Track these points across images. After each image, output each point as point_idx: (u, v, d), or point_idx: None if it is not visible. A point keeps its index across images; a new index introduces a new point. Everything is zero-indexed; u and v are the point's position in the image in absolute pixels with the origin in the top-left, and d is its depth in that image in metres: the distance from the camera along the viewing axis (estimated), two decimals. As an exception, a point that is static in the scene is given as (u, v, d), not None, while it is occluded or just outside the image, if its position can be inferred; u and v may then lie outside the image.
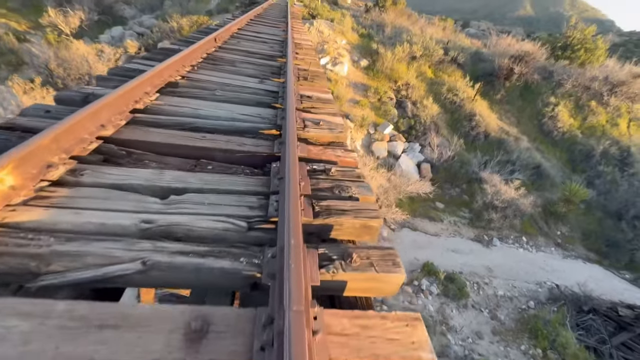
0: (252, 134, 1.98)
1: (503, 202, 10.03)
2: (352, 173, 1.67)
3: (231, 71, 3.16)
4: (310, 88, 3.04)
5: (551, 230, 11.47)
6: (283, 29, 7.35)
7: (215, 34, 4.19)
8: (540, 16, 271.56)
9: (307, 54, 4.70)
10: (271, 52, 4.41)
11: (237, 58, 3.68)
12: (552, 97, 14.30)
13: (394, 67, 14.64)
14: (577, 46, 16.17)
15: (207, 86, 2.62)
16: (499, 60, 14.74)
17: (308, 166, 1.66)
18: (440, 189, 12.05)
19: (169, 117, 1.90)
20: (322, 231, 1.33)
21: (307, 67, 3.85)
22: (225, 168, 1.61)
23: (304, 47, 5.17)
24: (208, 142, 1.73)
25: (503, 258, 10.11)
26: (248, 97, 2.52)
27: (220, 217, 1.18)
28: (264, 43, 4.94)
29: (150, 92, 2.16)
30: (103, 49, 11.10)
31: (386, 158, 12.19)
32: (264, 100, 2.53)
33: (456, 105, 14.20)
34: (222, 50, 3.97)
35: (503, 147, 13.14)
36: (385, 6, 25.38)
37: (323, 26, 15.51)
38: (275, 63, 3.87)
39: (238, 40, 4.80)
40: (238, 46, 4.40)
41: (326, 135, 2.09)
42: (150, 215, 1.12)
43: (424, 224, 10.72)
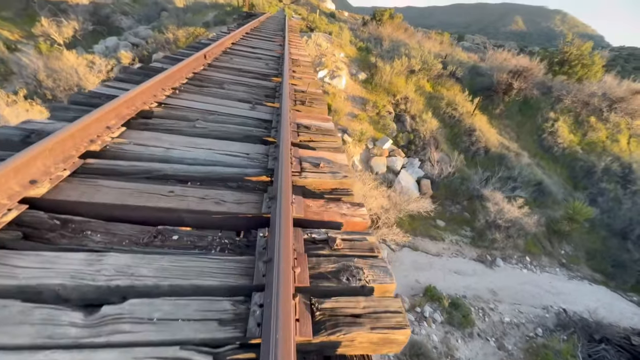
0: (236, 183, 1.59)
1: (506, 221, 9.69)
2: (363, 243, 1.28)
3: (219, 95, 2.80)
4: (308, 115, 2.67)
5: (555, 250, 11.12)
6: (280, 43, 7.07)
7: (205, 50, 3.85)
8: (532, 31, 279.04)
9: (304, 72, 4.37)
10: (266, 70, 4.07)
11: (227, 78, 3.32)
12: (552, 112, 14.18)
13: (392, 81, 14.48)
14: (574, 62, 16.20)
15: (188, 115, 2.24)
16: (498, 75, 14.66)
17: (305, 234, 1.27)
18: (440, 206, 11.70)
19: (131, 163, 1.51)
20: (325, 348, 0.94)
21: (304, 87, 3.50)
22: (196, 238, 1.21)
23: (302, 64, 4.85)
24: (176, 200, 1.34)
25: (507, 280, 9.71)
26: (235, 130, 2.14)
27: (172, 347, 0.78)
28: (258, 59, 4.61)
29: (115, 126, 1.78)
30: (94, 60, 10.76)
31: (385, 174, 11.86)
32: (254, 133, 2.15)
33: (455, 119, 14.01)
34: (212, 69, 3.62)
35: (504, 163, 12.90)
36: (382, 20, 25.64)
37: (321, 39, 15.39)
38: (269, 83, 3.52)
39: (230, 56, 4.46)
40: (230, 63, 4.05)
41: (328, 181, 1.71)
42: (57, 355, 0.71)
43: (425, 243, 10.32)
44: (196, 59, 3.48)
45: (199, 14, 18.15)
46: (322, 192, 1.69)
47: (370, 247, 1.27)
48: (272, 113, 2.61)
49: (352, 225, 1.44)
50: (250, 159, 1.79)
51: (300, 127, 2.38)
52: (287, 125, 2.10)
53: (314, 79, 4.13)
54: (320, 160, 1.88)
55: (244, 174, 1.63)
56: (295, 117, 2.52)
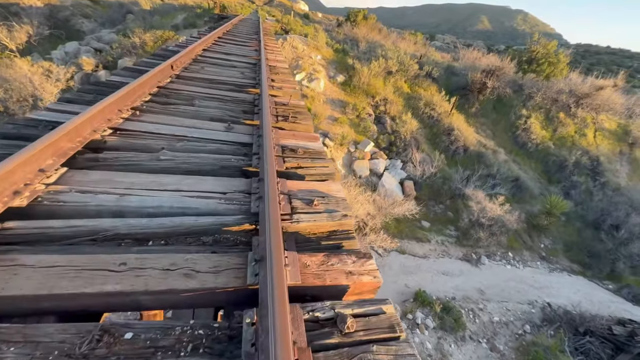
0: (212, 237, 1.26)
1: (489, 219, 9.82)
2: (380, 319, 1.01)
3: (188, 113, 2.44)
4: (293, 133, 2.37)
5: (535, 244, 11.43)
6: (255, 47, 6.70)
7: (172, 60, 3.45)
8: (497, 30, 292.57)
9: (284, 80, 4.06)
10: (242, 81, 3.72)
11: (198, 92, 2.95)
12: (524, 109, 14.65)
13: (370, 83, 14.42)
14: (541, 60, 16.88)
15: (150, 143, 1.87)
16: (472, 75, 14.97)
17: (306, 312, 0.98)
18: (424, 206, 11.72)
19: (68, 223, 1.14)
20: None
21: (286, 99, 3.20)
22: (158, 334, 0.89)
23: (280, 71, 4.53)
24: (130, 276, 1.00)
25: (493, 277, 9.83)
26: (209, 160, 1.80)
27: None
28: (233, 68, 4.25)
29: (51, 168, 1.40)
30: (51, 67, 9.85)
31: (369, 177, 11.73)
32: (232, 162, 1.83)
33: (434, 119, 14.15)
34: (180, 81, 3.23)
35: (482, 160, 13.15)
36: (357, 21, 25.72)
37: (297, 41, 15.08)
38: (247, 96, 3.19)
39: (202, 65, 4.07)
40: (201, 73, 3.67)
41: (324, 223, 1.42)
42: None
43: (412, 245, 10.27)
44: (162, 70, 3.08)
45: (167, 16, 17.30)
46: (319, 237, 1.40)
47: (390, 325, 1.00)
48: (251, 134, 2.28)
49: (360, 287, 1.16)
50: (229, 200, 1.47)
51: (285, 151, 2.07)
52: (270, 151, 1.79)
53: (295, 87, 3.83)
54: (312, 195, 1.59)
55: (221, 224, 1.31)
56: (279, 138, 2.21)
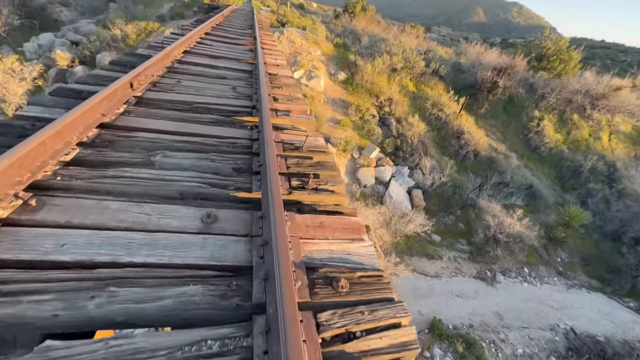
0: None
1: (508, 235, 8.98)
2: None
3: (138, 187, 1.41)
4: (320, 224, 1.37)
5: (551, 258, 10.69)
6: (250, 46, 5.61)
7: (133, 74, 2.39)
8: (492, 22, 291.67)
9: (291, 97, 3.03)
10: (233, 103, 2.68)
11: (162, 135, 1.91)
12: (536, 110, 13.79)
13: (374, 81, 13.36)
14: (552, 57, 15.98)
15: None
16: (482, 72, 14.00)
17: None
18: (433, 217, 10.86)
19: None
20: None
21: (299, 135, 2.19)
22: None
23: (284, 83, 3.50)
24: None
25: (510, 298, 9.07)
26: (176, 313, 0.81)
27: None
28: (220, 80, 3.19)
29: None
30: (13, 65, 8.52)
31: (374, 185, 10.79)
32: (221, 316, 0.83)
33: (442, 121, 13.20)
34: (140, 109, 2.18)
35: (494, 166, 12.30)
36: (355, 12, 24.47)
37: (294, 35, 13.88)
38: (240, 134, 2.15)
39: (178, 77, 3.01)
40: (175, 92, 2.62)
41: None
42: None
43: (423, 263, 9.43)
44: (113, 93, 2.03)
45: (152, 5, 15.86)
46: None
47: None
48: (248, 236, 1.27)
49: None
50: None
51: (315, 274, 1.07)
52: (290, 302, 0.79)
53: (306, 111, 2.81)
54: None
55: None
56: (300, 244, 1.21)
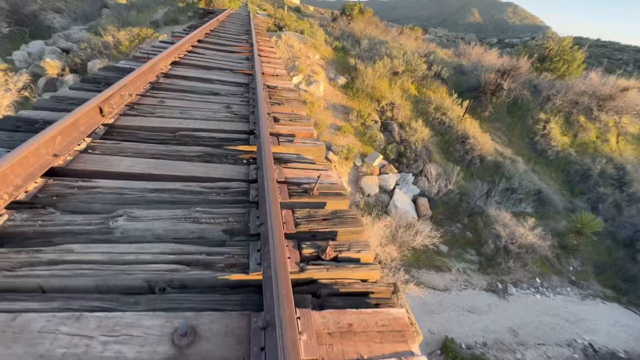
0: None
1: (520, 246, 8.57)
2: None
3: (85, 272, 0.98)
4: (354, 337, 0.94)
5: (563, 267, 10.28)
6: (246, 54, 5.20)
7: (104, 95, 1.96)
8: (487, 23, 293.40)
9: (294, 116, 2.62)
10: (225, 125, 2.25)
11: (133, 171, 1.49)
12: (542, 113, 13.43)
13: (375, 85, 12.98)
14: (555, 58, 15.66)
15: None
16: (485, 75, 13.65)
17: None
18: (440, 225, 10.46)
19: None
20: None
21: (309, 169, 1.77)
22: None
23: (285, 97, 3.08)
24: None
25: (524, 312, 8.65)
26: None
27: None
28: (213, 97, 2.77)
29: None
30: (-5, 76, 8.08)
31: (378, 194, 10.38)
32: None
33: (446, 126, 12.82)
34: (110, 143, 1.76)
35: (500, 171, 11.92)
36: (352, 15, 24.23)
37: (292, 39, 13.50)
38: (230, 171, 1.72)
39: (163, 95, 2.58)
40: (156, 114, 2.20)
41: None
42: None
43: (431, 276, 9.00)
44: (69, 127, 1.60)
45: (145, 11, 15.47)
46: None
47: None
48: (244, 340, 0.84)
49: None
50: None
51: None
52: None
53: (312, 131, 2.40)
54: None
55: None
56: None
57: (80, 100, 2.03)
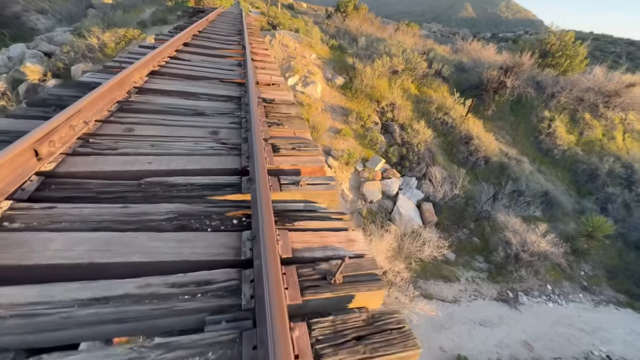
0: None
1: (532, 254, 8.16)
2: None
3: None
4: None
5: (574, 272, 9.90)
6: (238, 58, 4.66)
7: (45, 129, 1.43)
8: (481, 17, 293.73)
9: (298, 142, 2.11)
10: (209, 162, 1.74)
11: (65, 262, 0.98)
12: (546, 110, 13.03)
13: (375, 85, 12.48)
14: (557, 53, 15.26)
15: None
16: (488, 72, 13.20)
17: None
18: (446, 231, 10.04)
19: None
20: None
21: (325, 231, 1.26)
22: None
23: (286, 115, 2.57)
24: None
25: (537, 323, 8.26)
26: None
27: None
28: (195, 119, 2.25)
29: None
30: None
31: (381, 201, 9.91)
32: None
33: (448, 126, 12.37)
34: (38, 209, 1.23)
35: (506, 172, 11.50)
36: (347, 11, 23.67)
37: (287, 38, 12.93)
38: (214, 247, 1.21)
39: (132, 119, 2.05)
40: (118, 151, 1.68)
41: None
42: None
43: (439, 287, 8.58)
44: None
45: (132, 10, 14.77)
46: None
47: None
48: None
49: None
50: None
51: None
52: None
53: (321, 165, 1.89)
54: None
55: None
56: None
57: (14, 135, 1.50)
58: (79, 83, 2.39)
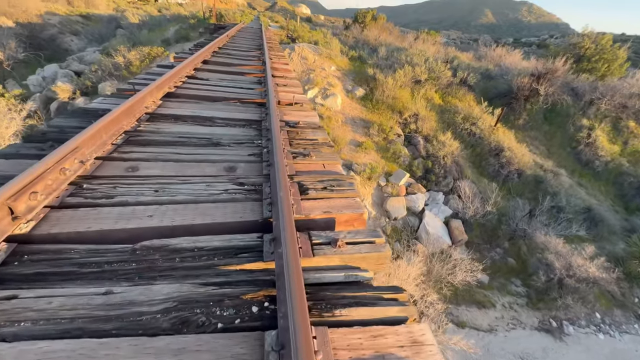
0: None
1: (579, 280, 7.31)
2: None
3: None
4: None
5: (627, 299, 8.83)
6: (257, 74, 4.43)
7: (27, 177, 1.13)
8: (501, 23, 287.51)
9: (330, 180, 1.75)
10: (224, 215, 1.41)
11: None
12: (584, 119, 12.07)
13: (396, 96, 12.06)
14: (594, 57, 14.28)
15: None
16: (518, 79, 12.46)
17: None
18: (477, 251, 9.30)
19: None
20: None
21: (373, 311, 0.89)
22: None
23: (313, 142, 2.23)
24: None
25: (587, 357, 7.34)
26: None
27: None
28: (210, 151, 1.95)
29: None
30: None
31: (405, 217, 9.35)
32: None
33: (476, 137, 11.68)
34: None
35: (542, 187, 10.63)
36: (365, 22, 23.58)
37: (306, 51, 12.83)
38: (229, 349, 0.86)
39: (137, 154, 1.77)
40: (112, 202, 1.36)
41: None
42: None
43: (472, 314, 7.85)
44: None
45: (157, 30, 15.26)
46: None
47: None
48: None
49: None
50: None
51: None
52: None
53: (360, 212, 1.52)
54: None
55: None
56: None
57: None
58: (86, 111, 2.17)
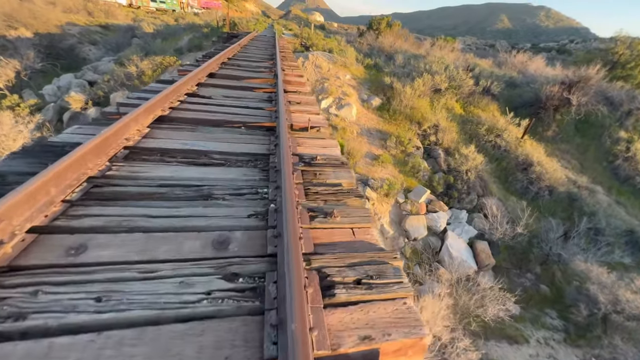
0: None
1: (629, 317, 6.43)
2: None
3: None
4: None
5: (681, 335, 7.81)
6: (268, 89, 3.94)
7: None
8: (518, 28, 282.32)
9: (362, 260, 1.16)
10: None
11: None
12: (622, 130, 11.09)
13: (415, 105, 11.43)
14: (629, 64, 13.28)
15: None
16: (547, 88, 11.62)
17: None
18: (506, 277, 8.48)
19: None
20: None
21: None
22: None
23: (335, 191, 1.66)
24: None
25: (639, 407, 6.40)
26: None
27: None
28: (198, 208, 1.43)
29: None
30: (2, 117, 7.52)
31: (426, 238, 8.64)
32: None
33: (502, 150, 10.89)
34: None
35: (576, 205, 9.72)
36: (380, 29, 23.11)
37: (321, 59, 12.41)
38: None
39: (91, 223, 1.26)
40: (30, 323, 0.84)
41: None
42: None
43: (503, 351, 7.04)
44: None
45: (171, 39, 15.21)
46: None
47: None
48: None
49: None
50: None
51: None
52: None
53: (420, 336, 0.93)
54: None
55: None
56: None
57: None
58: (46, 147, 1.70)
